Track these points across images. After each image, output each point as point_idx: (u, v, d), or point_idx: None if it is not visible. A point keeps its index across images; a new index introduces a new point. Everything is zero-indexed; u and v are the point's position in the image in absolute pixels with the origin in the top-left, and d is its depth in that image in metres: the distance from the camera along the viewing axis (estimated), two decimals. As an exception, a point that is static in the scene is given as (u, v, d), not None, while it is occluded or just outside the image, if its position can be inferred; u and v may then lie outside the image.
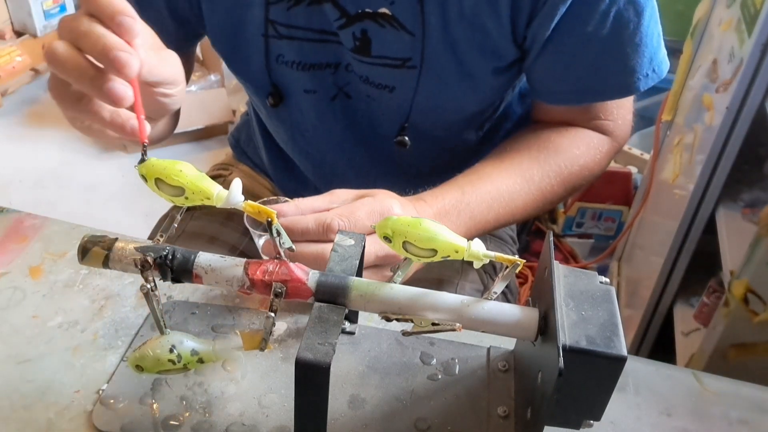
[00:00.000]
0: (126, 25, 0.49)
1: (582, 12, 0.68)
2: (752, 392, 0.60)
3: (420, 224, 0.48)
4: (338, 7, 0.68)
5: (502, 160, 0.74)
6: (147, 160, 0.48)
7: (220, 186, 0.48)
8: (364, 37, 0.69)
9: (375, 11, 0.68)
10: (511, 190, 0.72)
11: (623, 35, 0.69)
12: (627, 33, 0.69)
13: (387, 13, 0.68)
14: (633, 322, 1.58)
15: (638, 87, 0.72)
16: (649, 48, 0.70)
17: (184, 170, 0.47)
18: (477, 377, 0.57)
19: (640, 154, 1.99)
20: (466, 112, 0.79)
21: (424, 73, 0.72)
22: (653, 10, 0.70)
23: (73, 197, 2.19)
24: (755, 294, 1.03)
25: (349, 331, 0.60)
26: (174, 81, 0.56)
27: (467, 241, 0.48)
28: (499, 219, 0.71)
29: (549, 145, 0.76)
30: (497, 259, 0.48)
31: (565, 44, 0.70)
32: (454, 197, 0.68)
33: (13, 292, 0.63)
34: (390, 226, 0.48)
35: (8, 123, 2.47)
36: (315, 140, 0.84)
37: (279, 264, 0.49)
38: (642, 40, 0.69)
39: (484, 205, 0.70)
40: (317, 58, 0.75)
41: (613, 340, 0.45)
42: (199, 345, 0.51)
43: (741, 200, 1.30)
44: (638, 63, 0.71)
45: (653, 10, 0.70)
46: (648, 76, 0.72)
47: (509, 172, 0.73)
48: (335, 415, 0.53)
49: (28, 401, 0.53)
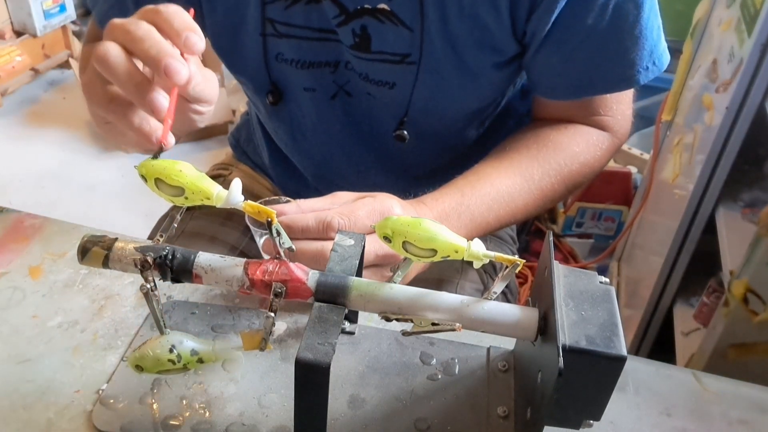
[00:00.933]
0: (191, 42, 0.51)
1: (581, 5, 0.67)
2: (752, 392, 0.60)
3: (420, 224, 0.48)
4: (337, 3, 0.68)
5: (501, 160, 0.74)
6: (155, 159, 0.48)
7: (220, 186, 0.48)
8: (363, 33, 0.70)
9: (374, 7, 0.68)
10: (510, 190, 0.72)
11: (623, 28, 0.68)
12: (626, 25, 0.68)
13: (386, 9, 0.68)
14: (633, 322, 1.58)
15: (638, 80, 0.72)
16: (649, 40, 0.70)
17: (184, 170, 0.47)
18: (477, 377, 0.57)
19: (639, 154, 1.99)
20: (466, 109, 0.79)
21: (423, 68, 0.72)
22: (653, 2, 0.69)
23: (73, 197, 2.19)
24: (755, 294, 1.03)
25: (349, 331, 0.60)
26: (210, 100, 0.57)
27: (467, 241, 0.48)
28: (499, 219, 0.71)
29: (548, 143, 0.75)
30: (497, 259, 0.48)
31: (564, 38, 0.70)
32: (453, 199, 0.68)
33: (12, 292, 0.63)
34: (390, 226, 0.48)
35: (8, 123, 2.47)
36: (315, 139, 0.84)
37: (279, 264, 0.49)
38: (642, 32, 0.69)
39: (484, 207, 0.70)
40: (316, 56, 0.75)
41: (613, 340, 0.45)
42: (198, 345, 0.51)
43: (741, 200, 1.30)
44: (638, 55, 0.70)
45: (653, 2, 0.69)
46: (648, 68, 0.71)
47: (509, 172, 0.73)
48: (335, 415, 0.53)
49: (28, 401, 0.53)
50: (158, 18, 0.51)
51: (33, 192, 2.20)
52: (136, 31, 0.50)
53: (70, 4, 2.55)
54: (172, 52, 0.50)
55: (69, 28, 2.63)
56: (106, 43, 0.51)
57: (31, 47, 2.51)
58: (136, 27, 0.51)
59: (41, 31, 2.46)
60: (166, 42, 0.50)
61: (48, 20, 2.47)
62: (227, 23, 0.76)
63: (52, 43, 2.59)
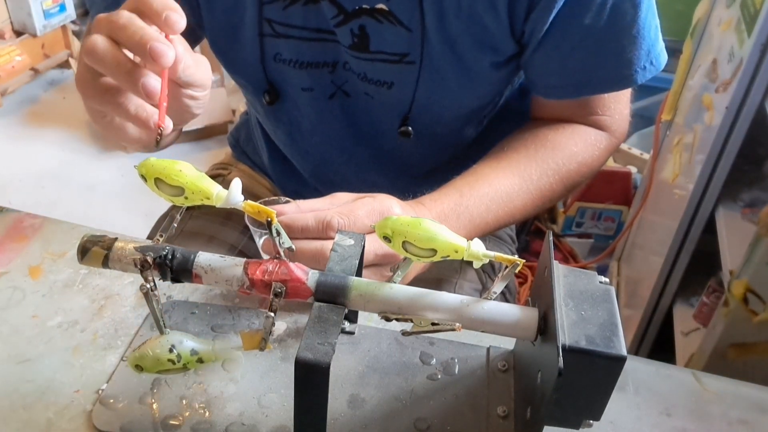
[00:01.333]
0: (171, 20, 0.52)
1: (579, 5, 0.68)
2: (752, 392, 0.60)
3: (420, 224, 0.48)
4: (335, 4, 0.69)
5: (500, 160, 0.74)
6: (160, 141, 0.49)
7: (220, 186, 0.48)
8: (362, 33, 0.70)
9: (372, 7, 0.69)
10: (509, 190, 0.72)
11: (620, 27, 0.69)
12: (624, 25, 0.69)
13: (384, 9, 0.69)
14: (633, 321, 1.58)
15: (636, 80, 0.73)
16: (646, 40, 0.70)
17: (184, 170, 0.47)
18: (477, 377, 0.57)
19: (639, 154, 1.99)
20: (465, 108, 0.79)
21: (422, 68, 0.73)
22: (650, 2, 0.70)
23: (72, 197, 2.19)
24: (755, 294, 1.04)
25: (349, 331, 0.60)
26: (203, 84, 0.58)
27: (467, 241, 0.48)
28: (498, 220, 0.71)
29: (546, 143, 0.76)
30: (497, 259, 0.48)
31: (562, 37, 0.70)
32: (452, 200, 0.68)
33: (12, 291, 0.63)
34: (390, 226, 0.48)
35: (8, 123, 2.47)
36: (314, 139, 0.84)
37: (278, 264, 0.49)
38: (639, 32, 0.69)
39: (482, 207, 0.70)
40: (314, 56, 0.76)
41: (613, 340, 0.45)
42: (198, 345, 0.51)
43: (741, 200, 1.30)
44: (635, 55, 0.71)
45: (650, 2, 0.70)
46: (646, 68, 0.72)
47: (507, 172, 0.73)
48: (335, 415, 0.53)
49: (28, 401, 0.53)
50: (139, 3, 0.53)
51: (33, 192, 2.20)
52: (118, 20, 0.52)
53: (70, 3, 2.54)
54: (156, 36, 0.51)
55: (69, 27, 2.63)
56: (93, 36, 0.52)
57: (31, 47, 2.51)
58: (118, 16, 0.52)
59: (41, 31, 2.46)
60: (148, 27, 0.51)
61: (48, 20, 2.47)
62: (225, 23, 0.76)
63: (52, 43, 2.59)
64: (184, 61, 0.54)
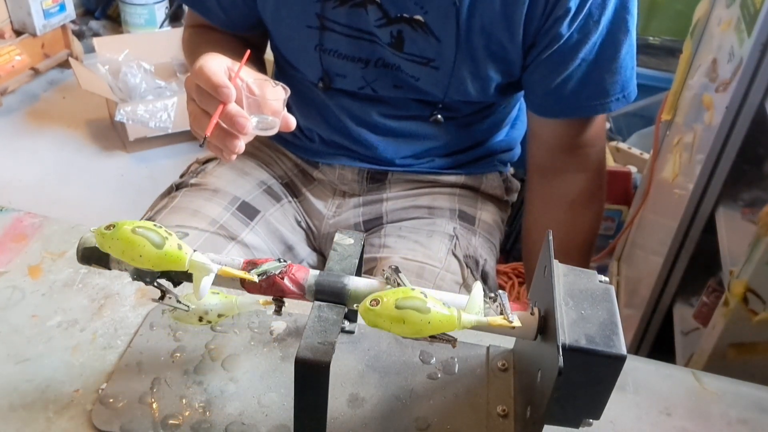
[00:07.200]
0: (224, 95, 0.67)
1: (575, 50, 0.81)
2: (752, 392, 0.60)
3: (404, 320, 0.47)
4: (382, 10, 0.82)
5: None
6: None
7: (190, 251, 0.49)
8: (399, 36, 0.83)
9: (411, 17, 0.81)
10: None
11: (605, 62, 0.83)
12: (607, 60, 0.83)
13: (421, 20, 0.81)
14: (632, 321, 1.58)
15: (611, 107, 0.87)
16: (623, 76, 0.85)
17: (144, 255, 0.47)
18: (476, 376, 0.57)
19: (639, 154, 1.99)
20: (479, 105, 0.94)
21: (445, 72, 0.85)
22: (631, 47, 0.83)
23: (72, 197, 2.18)
24: (755, 293, 1.03)
25: (349, 330, 0.60)
26: (273, 118, 0.72)
27: (457, 311, 0.47)
28: None
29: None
30: (491, 324, 0.48)
31: (559, 66, 0.82)
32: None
33: (12, 291, 0.63)
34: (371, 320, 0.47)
35: (8, 122, 2.47)
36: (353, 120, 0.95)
37: (273, 282, 0.50)
38: (618, 69, 0.84)
39: None
40: (352, 52, 0.87)
41: (613, 339, 0.45)
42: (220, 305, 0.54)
43: (741, 200, 1.30)
44: (612, 87, 0.85)
45: (631, 47, 0.83)
46: (619, 99, 0.86)
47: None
48: (335, 414, 0.53)
49: (28, 400, 0.53)
50: (199, 82, 0.68)
51: (33, 192, 2.19)
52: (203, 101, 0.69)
53: (70, 3, 2.54)
54: (239, 112, 0.67)
55: (69, 27, 2.62)
56: (190, 105, 0.72)
57: (31, 47, 2.51)
58: (199, 96, 0.69)
59: (41, 31, 2.46)
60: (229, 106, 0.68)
61: (48, 20, 2.47)
62: (283, 16, 0.87)
63: (52, 43, 2.59)
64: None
